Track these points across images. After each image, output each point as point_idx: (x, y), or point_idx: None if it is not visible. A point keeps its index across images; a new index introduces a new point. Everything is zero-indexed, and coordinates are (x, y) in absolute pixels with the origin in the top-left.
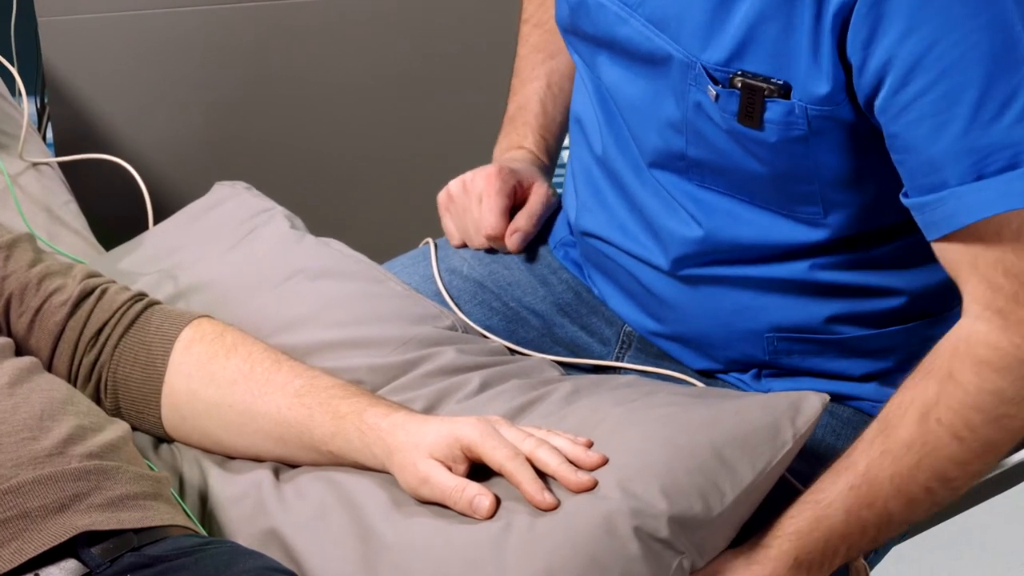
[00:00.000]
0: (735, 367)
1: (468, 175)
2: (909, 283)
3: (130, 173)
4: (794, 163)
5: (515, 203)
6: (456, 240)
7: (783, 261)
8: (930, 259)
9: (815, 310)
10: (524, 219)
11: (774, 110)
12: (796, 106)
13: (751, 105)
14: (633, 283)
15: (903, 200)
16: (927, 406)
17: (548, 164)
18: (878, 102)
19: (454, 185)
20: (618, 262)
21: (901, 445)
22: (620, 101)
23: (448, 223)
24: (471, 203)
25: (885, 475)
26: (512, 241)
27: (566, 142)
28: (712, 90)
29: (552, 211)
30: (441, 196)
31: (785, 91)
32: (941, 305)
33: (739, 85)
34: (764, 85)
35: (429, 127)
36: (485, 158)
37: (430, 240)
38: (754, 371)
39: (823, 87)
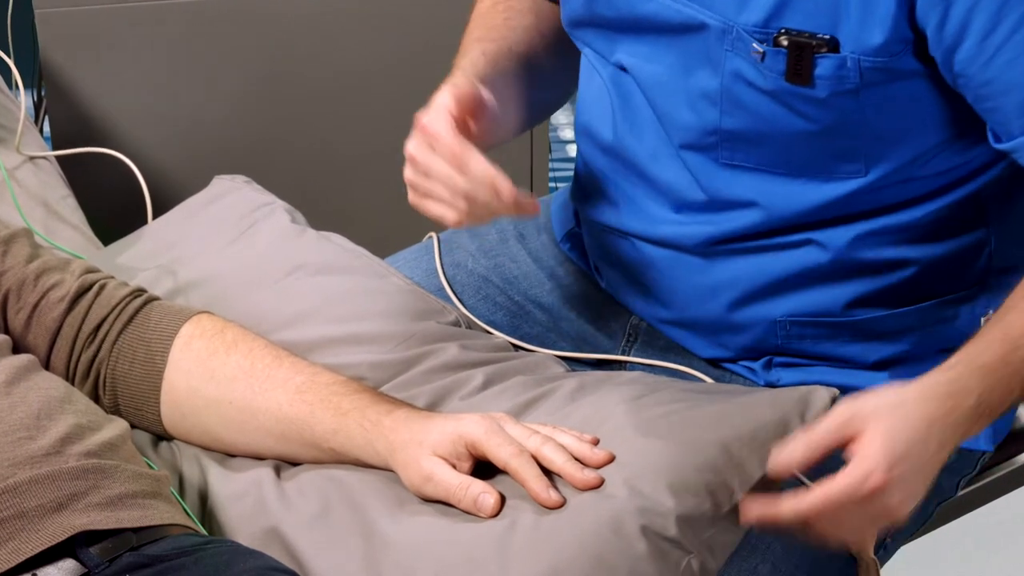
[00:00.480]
0: (745, 355)
1: (423, 130)
2: (922, 255)
3: (128, 167)
4: (842, 118)
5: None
6: (451, 214)
7: (809, 231)
8: (947, 234)
9: (832, 288)
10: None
11: (825, 65)
12: (848, 59)
13: (800, 62)
14: (646, 269)
15: (997, 145)
16: None
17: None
18: (963, 53)
19: (416, 149)
20: (634, 247)
21: None
22: (645, 82)
23: (431, 206)
24: (427, 157)
25: None
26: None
27: (570, 136)
28: (759, 48)
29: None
30: (408, 175)
31: (833, 45)
32: (950, 285)
33: (785, 43)
34: (812, 41)
35: None
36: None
37: (433, 234)
38: (764, 359)
39: (877, 37)
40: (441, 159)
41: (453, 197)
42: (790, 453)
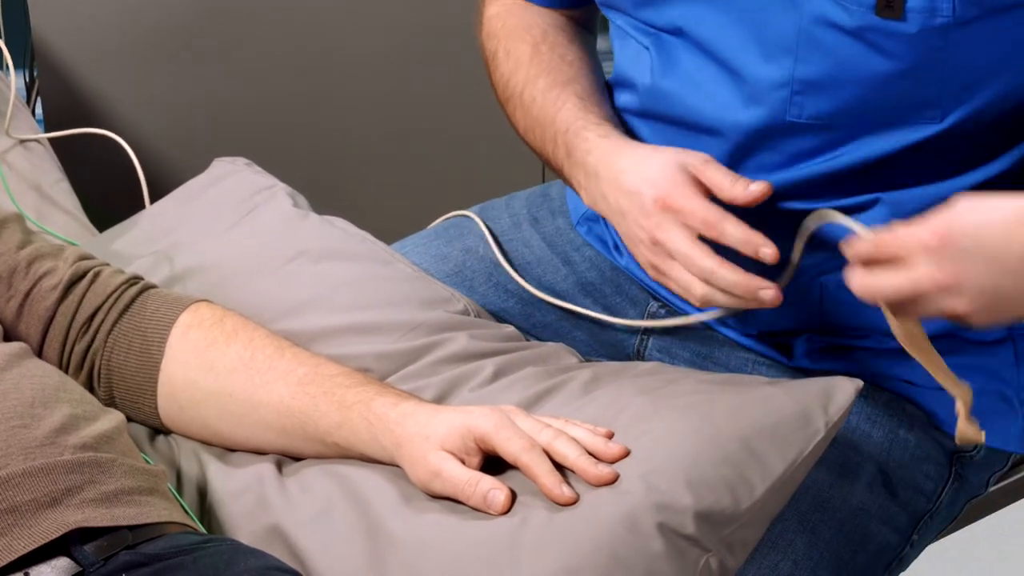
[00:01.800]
0: (782, 330)
1: (644, 229)
2: None
3: (124, 149)
4: (928, 56)
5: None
6: (696, 287)
7: (876, 191)
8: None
9: None
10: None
11: None
12: None
13: None
14: None
15: None
16: None
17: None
18: None
19: (648, 236)
20: None
21: None
22: (704, 36)
23: (678, 272)
24: (675, 241)
25: None
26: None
27: None
28: None
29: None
30: (647, 257)
31: None
32: None
33: None
34: None
35: (441, 99)
36: (500, 133)
37: (469, 212)
38: (803, 337)
39: None
40: (686, 236)
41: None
42: (865, 240)
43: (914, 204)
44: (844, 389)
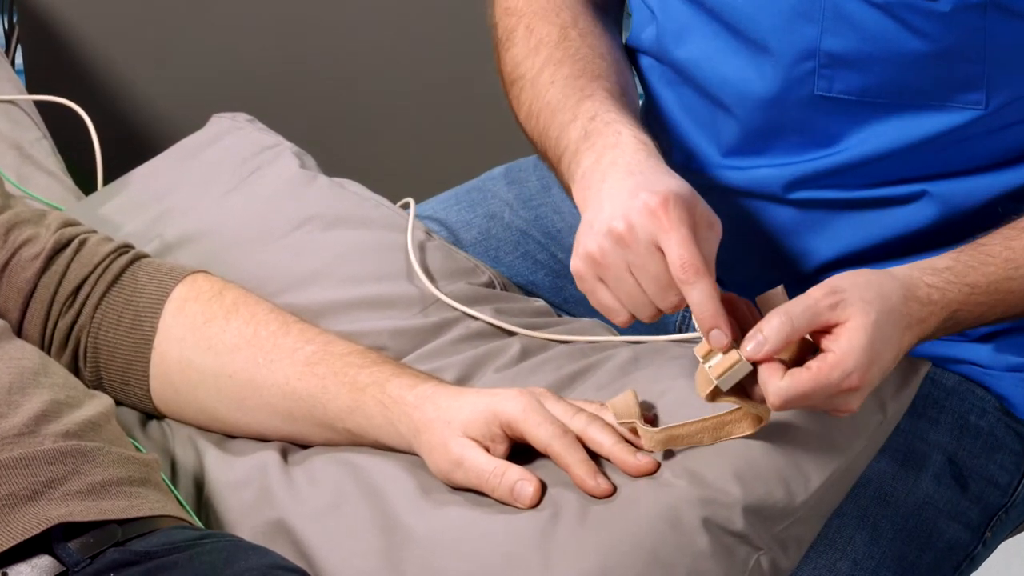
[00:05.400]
0: None
1: (617, 223)
2: None
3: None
4: (965, 38)
5: None
6: (622, 315)
7: (922, 181)
8: None
9: (943, 249)
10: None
11: None
12: None
13: None
14: (725, 221)
15: None
16: None
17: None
18: None
19: (603, 241)
20: (712, 195)
21: None
22: (725, 4)
23: (604, 295)
24: (642, 256)
25: None
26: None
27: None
28: None
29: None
30: (579, 266)
31: None
32: None
33: None
34: None
35: (462, 53)
36: None
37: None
38: None
39: None
40: (656, 267)
41: (635, 304)
42: (763, 343)
43: (964, 198)
44: (910, 371)
